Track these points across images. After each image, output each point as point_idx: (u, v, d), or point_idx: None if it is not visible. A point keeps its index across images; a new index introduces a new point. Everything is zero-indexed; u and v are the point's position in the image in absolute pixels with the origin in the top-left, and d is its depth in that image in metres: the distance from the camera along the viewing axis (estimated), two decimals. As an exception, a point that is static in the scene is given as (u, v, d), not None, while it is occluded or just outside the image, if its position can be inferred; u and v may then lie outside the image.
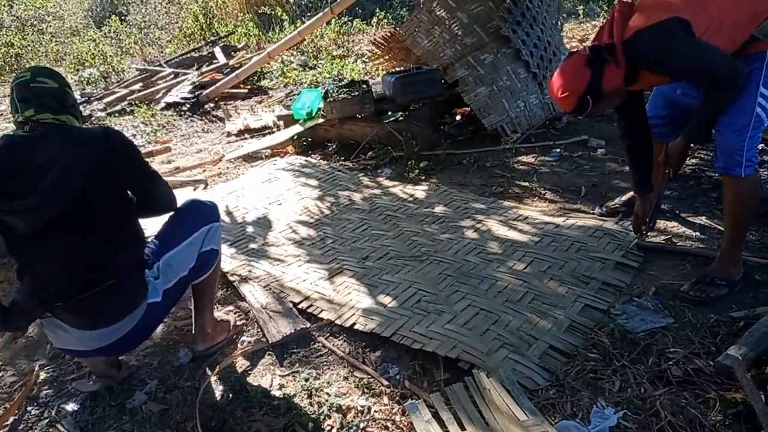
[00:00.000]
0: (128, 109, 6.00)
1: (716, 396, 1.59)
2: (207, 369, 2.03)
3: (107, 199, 1.66)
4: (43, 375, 2.12)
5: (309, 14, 9.46)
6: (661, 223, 2.52)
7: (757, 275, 2.09)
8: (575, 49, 2.06)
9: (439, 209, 3.03)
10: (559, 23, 4.64)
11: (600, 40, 2.03)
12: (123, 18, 11.29)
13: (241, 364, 2.04)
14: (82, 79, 7.84)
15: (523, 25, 3.96)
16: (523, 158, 3.61)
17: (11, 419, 1.91)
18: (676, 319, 1.94)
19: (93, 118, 5.82)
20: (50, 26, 10.95)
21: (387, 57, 5.24)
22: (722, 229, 2.41)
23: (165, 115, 5.74)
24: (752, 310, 1.90)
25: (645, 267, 2.28)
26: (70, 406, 1.93)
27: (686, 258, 2.29)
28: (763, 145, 2.84)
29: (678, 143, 2.09)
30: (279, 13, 9.08)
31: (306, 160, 4.10)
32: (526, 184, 3.24)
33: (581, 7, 8.57)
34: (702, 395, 1.61)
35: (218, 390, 1.93)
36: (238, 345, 2.14)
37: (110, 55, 8.26)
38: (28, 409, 1.96)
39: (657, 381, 1.70)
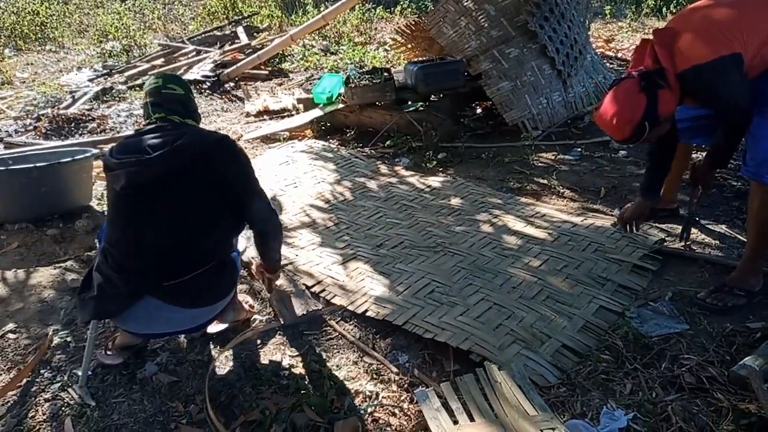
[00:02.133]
0: (149, 84, 6.02)
1: (729, 405, 1.57)
2: (218, 345, 2.04)
3: (211, 189, 1.70)
4: (56, 340, 2.15)
5: (333, -1, 9.41)
6: (679, 229, 2.49)
7: (776, 287, 2.06)
8: (622, 76, 2.04)
9: (455, 201, 3.02)
10: (587, 22, 4.58)
11: (637, 66, 2.01)
12: (147, -7, 11.28)
13: (253, 342, 2.05)
14: (104, 51, 7.88)
15: (550, 20, 3.91)
16: (543, 155, 3.58)
17: (24, 381, 1.94)
18: (692, 326, 1.92)
19: (114, 91, 5.84)
20: (75, -3, 10.99)
21: (410, 46, 5.21)
22: (742, 239, 2.38)
23: (185, 91, 5.74)
24: (770, 321, 1.87)
25: (662, 272, 2.25)
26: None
27: (704, 266, 2.26)
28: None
29: (703, 165, 2.14)
30: (303, -4, 9.05)
31: (324, 145, 4.09)
32: (545, 181, 3.21)
33: (608, 7, 8.44)
34: (714, 403, 1.60)
35: (229, 366, 1.94)
36: (251, 324, 2.15)
37: (133, 29, 8.28)
38: (41, 372, 1.99)
39: (669, 386, 1.68)
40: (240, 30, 7.80)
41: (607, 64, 5.09)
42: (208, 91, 5.91)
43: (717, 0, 1.99)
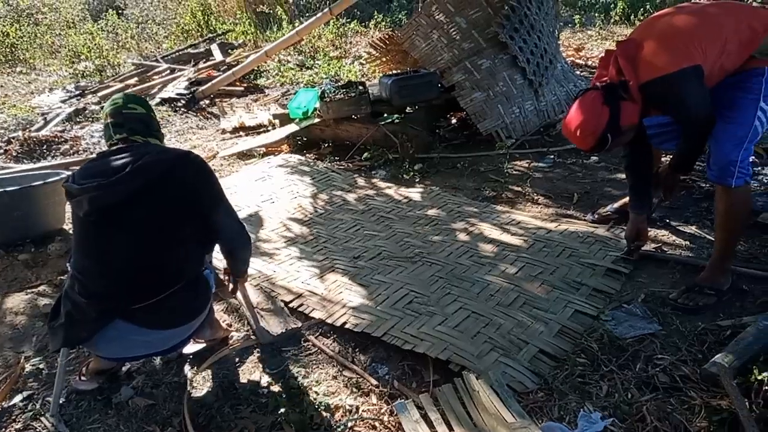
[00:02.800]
0: (123, 104, 5.95)
1: (702, 403, 1.60)
2: (195, 365, 2.02)
3: (178, 206, 1.69)
4: (28, 367, 2.10)
5: (307, 14, 9.46)
6: (651, 232, 2.54)
7: (744, 285, 2.11)
8: (587, 87, 2.09)
9: (432, 212, 3.04)
10: (556, 32, 4.68)
11: (602, 77, 2.05)
12: (120, 12, 11.24)
13: (230, 361, 2.03)
14: (77, 72, 7.79)
15: (520, 31, 3.98)
16: (517, 164, 3.63)
17: (-5, 411, 1.89)
18: (664, 326, 1.96)
19: (87, 111, 5.78)
20: (46, 18, 10.86)
21: (384, 59, 5.26)
22: (712, 238, 2.43)
23: (160, 110, 5.70)
24: (739, 319, 1.92)
25: (635, 274, 2.29)
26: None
27: (676, 266, 2.31)
28: (754, 157, 2.87)
29: (666, 169, 2.21)
30: (278, 13, 9.08)
31: (300, 159, 4.09)
32: (519, 189, 3.25)
33: (578, 16, 8.63)
34: (688, 402, 1.62)
35: (206, 386, 1.92)
36: (228, 342, 2.13)
37: (106, 49, 8.21)
38: (13, 400, 1.93)
39: (644, 387, 1.71)
40: (214, 47, 7.80)
41: (578, 72, 5.19)
42: (183, 109, 5.88)
43: (678, 9, 2.05)
